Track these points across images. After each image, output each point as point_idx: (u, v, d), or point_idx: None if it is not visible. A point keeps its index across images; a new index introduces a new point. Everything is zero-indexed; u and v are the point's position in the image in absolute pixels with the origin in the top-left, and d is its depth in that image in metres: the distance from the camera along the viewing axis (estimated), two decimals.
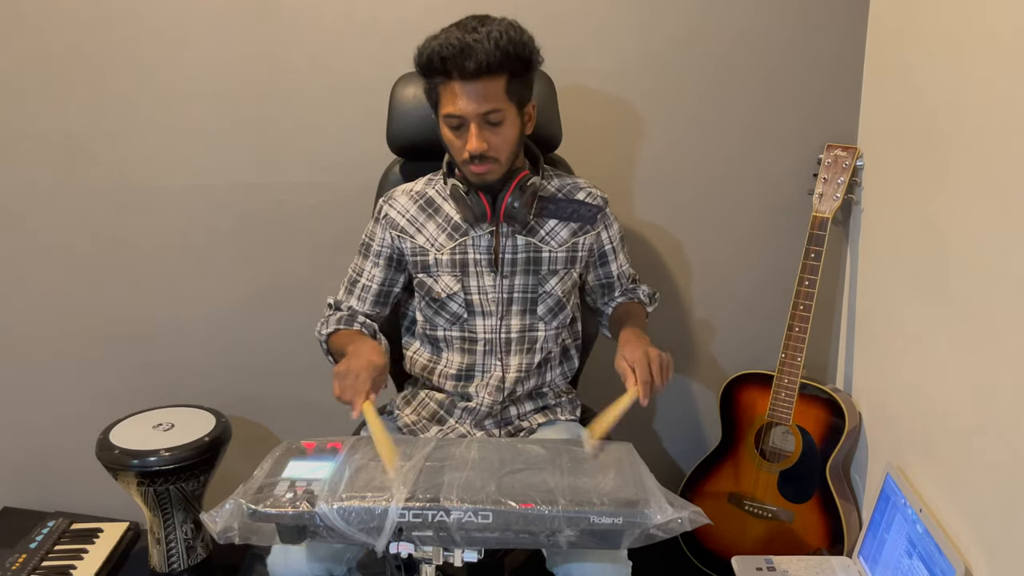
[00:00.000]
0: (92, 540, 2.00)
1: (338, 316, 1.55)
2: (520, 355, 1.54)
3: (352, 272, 1.58)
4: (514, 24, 1.35)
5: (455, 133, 1.37)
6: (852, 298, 1.98)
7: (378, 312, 1.58)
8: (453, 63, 1.29)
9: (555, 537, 1.08)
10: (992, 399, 1.39)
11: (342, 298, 1.58)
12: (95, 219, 1.98)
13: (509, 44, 1.30)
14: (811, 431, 1.85)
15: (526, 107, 1.41)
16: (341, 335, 1.51)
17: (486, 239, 1.49)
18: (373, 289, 1.56)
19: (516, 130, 1.39)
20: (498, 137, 1.36)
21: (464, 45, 1.28)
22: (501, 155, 1.38)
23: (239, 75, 1.89)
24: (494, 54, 1.29)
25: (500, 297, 1.50)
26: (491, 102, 1.33)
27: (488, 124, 1.35)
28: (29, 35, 1.85)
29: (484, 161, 1.37)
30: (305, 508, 1.06)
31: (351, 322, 1.54)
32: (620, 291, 1.66)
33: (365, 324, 1.55)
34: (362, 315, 1.56)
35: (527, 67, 1.36)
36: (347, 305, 1.57)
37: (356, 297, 1.57)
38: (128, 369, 2.08)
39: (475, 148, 1.34)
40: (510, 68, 1.32)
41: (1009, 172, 1.33)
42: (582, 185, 1.55)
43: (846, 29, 1.88)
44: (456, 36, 1.29)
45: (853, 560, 1.76)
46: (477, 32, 1.30)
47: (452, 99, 1.33)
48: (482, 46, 1.28)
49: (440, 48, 1.30)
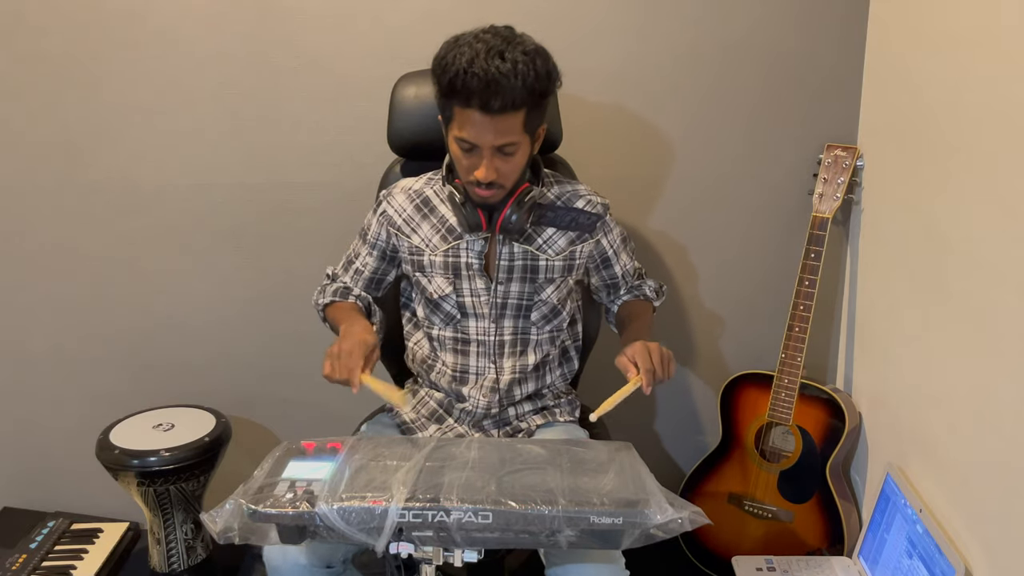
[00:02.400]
0: (92, 540, 2.00)
1: (334, 288, 1.59)
2: (514, 357, 1.54)
3: (351, 251, 1.61)
4: (540, 51, 1.31)
5: (465, 154, 1.35)
6: (852, 298, 1.98)
7: (368, 295, 1.60)
8: (478, 97, 1.25)
9: (555, 537, 1.07)
10: (992, 399, 1.39)
11: (339, 272, 1.62)
12: (95, 219, 1.98)
13: (536, 81, 1.27)
14: (811, 431, 1.85)
15: (537, 131, 1.39)
16: (336, 308, 1.55)
17: (479, 244, 1.48)
18: (365, 275, 1.59)
19: (526, 156, 1.39)
20: (508, 166, 1.35)
21: (491, 79, 1.24)
22: (508, 182, 1.38)
23: (240, 75, 1.89)
24: (520, 92, 1.26)
25: (493, 301, 1.50)
26: (508, 136, 1.31)
27: (501, 154, 1.33)
28: (29, 35, 1.85)
29: (491, 187, 1.36)
30: (305, 508, 1.06)
31: (346, 295, 1.57)
32: (625, 289, 1.66)
33: (360, 297, 1.58)
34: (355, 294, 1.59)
35: (547, 97, 1.34)
36: (342, 280, 1.61)
37: (350, 276, 1.60)
38: (128, 369, 2.08)
39: (486, 178, 1.34)
40: (531, 103, 1.30)
41: (1009, 172, 1.33)
42: (582, 192, 1.54)
43: (846, 29, 1.88)
44: (482, 65, 1.24)
45: (853, 560, 1.76)
46: (503, 60, 1.25)
47: (468, 126, 1.30)
48: (509, 83, 1.24)
49: (465, 77, 1.25)
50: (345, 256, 1.62)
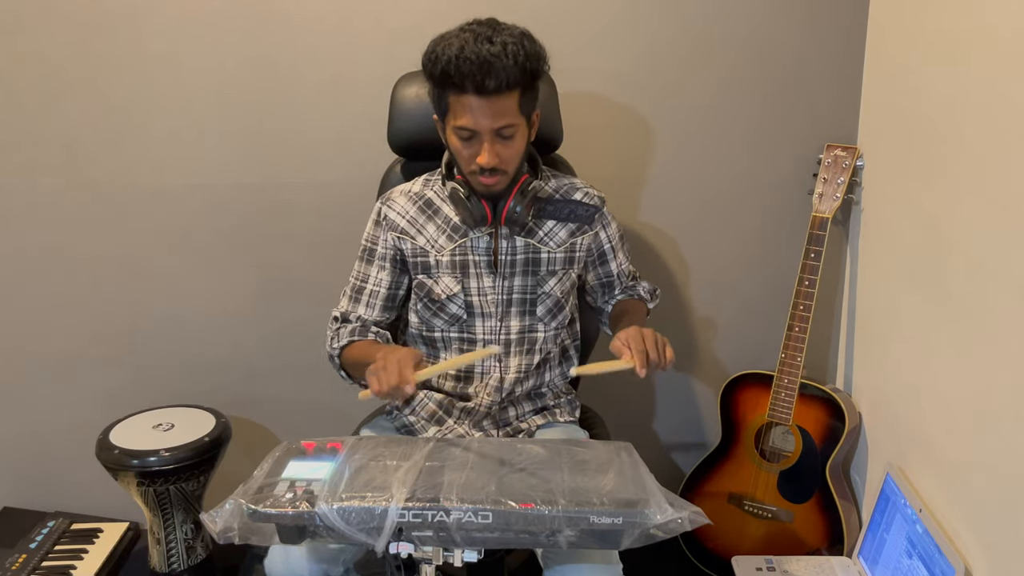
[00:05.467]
0: (92, 540, 2.00)
1: (349, 328, 1.50)
2: (520, 356, 1.54)
3: (355, 280, 1.55)
4: (526, 33, 1.33)
5: (464, 144, 1.36)
6: (852, 298, 1.98)
7: (387, 317, 1.56)
8: (472, 80, 1.27)
9: (555, 537, 1.08)
10: (992, 399, 1.39)
11: (348, 308, 1.54)
12: (95, 219, 1.98)
13: (527, 60, 1.29)
14: (811, 431, 1.85)
15: (532, 116, 1.41)
16: (357, 347, 1.47)
17: (485, 240, 1.49)
18: (382, 294, 1.53)
19: (525, 141, 1.41)
20: (509, 150, 1.37)
21: (483, 61, 1.26)
22: (510, 167, 1.39)
23: (240, 75, 1.89)
24: (513, 71, 1.27)
25: (500, 298, 1.50)
26: (506, 117, 1.32)
27: (500, 138, 1.35)
28: (29, 35, 1.85)
29: (494, 173, 1.37)
30: (305, 508, 1.06)
31: (364, 333, 1.51)
32: (620, 289, 1.66)
33: (379, 334, 1.52)
34: (373, 323, 1.53)
35: (538, 78, 1.36)
36: (355, 315, 1.53)
37: (364, 304, 1.53)
38: (128, 369, 2.08)
39: (488, 163, 1.35)
40: (524, 83, 1.32)
41: (1008, 172, 1.33)
42: (579, 185, 1.55)
43: (846, 30, 1.88)
44: (472, 50, 1.26)
45: (853, 560, 1.76)
46: (492, 43, 1.27)
47: (465, 113, 1.31)
48: (501, 62, 1.26)
49: (457, 61, 1.26)
50: (348, 289, 1.55)
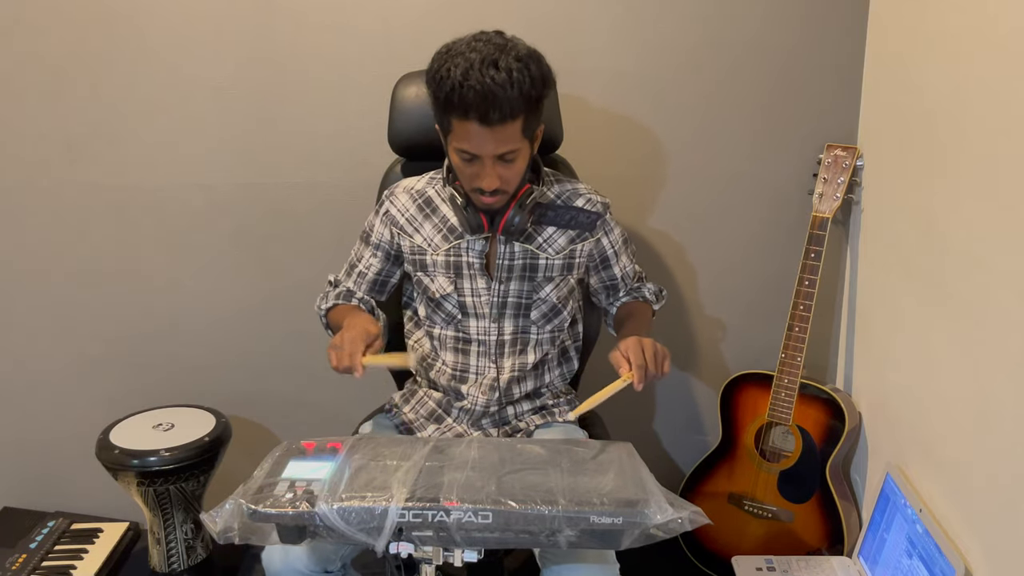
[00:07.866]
0: (92, 540, 2.00)
1: (336, 292, 1.59)
2: (514, 357, 1.54)
3: (353, 255, 1.62)
4: (533, 55, 1.30)
5: (466, 164, 1.35)
6: (852, 298, 1.98)
7: (373, 297, 1.61)
8: (476, 110, 1.25)
9: (555, 537, 1.07)
10: (992, 399, 1.39)
11: (341, 278, 1.62)
12: (95, 219, 1.98)
13: (532, 87, 1.27)
14: (811, 431, 1.85)
15: (536, 132, 1.39)
16: (339, 310, 1.55)
17: (480, 244, 1.48)
18: (369, 277, 1.59)
19: (527, 160, 1.39)
20: (511, 171, 1.36)
21: (487, 92, 1.24)
22: (511, 187, 1.39)
23: (240, 75, 1.89)
24: (517, 102, 1.26)
25: (494, 301, 1.50)
26: (508, 144, 1.31)
27: (503, 161, 1.34)
28: (29, 35, 1.85)
29: (495, 194, 1.37)
30: (305, 508, 1.06)
31: (349, 298, 1.58)
32: (625, 291, 1.66)
33: (363, 300, 1.58)
34: (358, 299, 1.59)
35: (543, 100, 1.34)
36: (345, 286, 1.61)
37: (353, 281, 1.60)
38: (128, 369, 2.08)
39: (490, 186, 1.34)
40: (529, 108, 1.30)
41: (1009, 172, 1.33)
42: (582, 191, 1.54)
43: (846, 29, 1.88)
44: (478, 78, 1.24)
45: (853, 560, 1.76)
46: (498, 69, 1.24)
47: (468, 137, 1.30)
48: (505, 93, 1.24)
49: (462, 90, 1.24)
50: (347, 262, 1.62)
